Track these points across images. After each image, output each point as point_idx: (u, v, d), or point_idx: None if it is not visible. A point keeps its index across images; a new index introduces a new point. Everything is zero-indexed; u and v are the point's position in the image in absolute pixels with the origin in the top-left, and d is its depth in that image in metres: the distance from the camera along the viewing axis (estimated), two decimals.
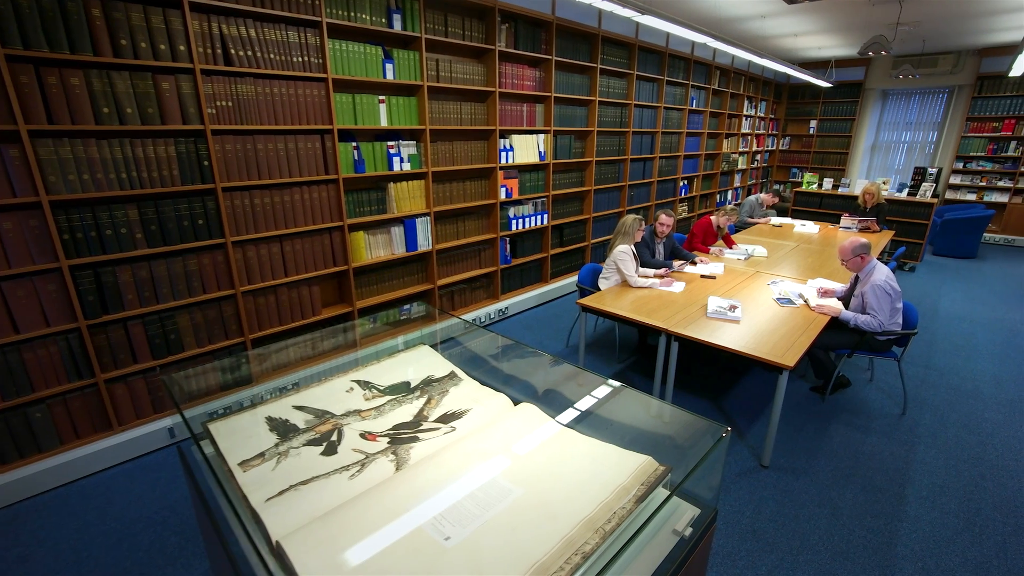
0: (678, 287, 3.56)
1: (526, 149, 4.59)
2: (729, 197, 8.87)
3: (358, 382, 1.89)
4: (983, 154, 8.29)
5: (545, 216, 4.94)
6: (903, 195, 6.66)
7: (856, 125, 9.39)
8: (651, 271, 3.84)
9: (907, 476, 2.60)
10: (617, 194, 5.95)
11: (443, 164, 3.96)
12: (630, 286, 3.59)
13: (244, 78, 2.83)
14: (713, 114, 7.69)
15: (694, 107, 7.01)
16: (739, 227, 6.12)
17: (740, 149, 8.79)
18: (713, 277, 3.85)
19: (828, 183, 7.41)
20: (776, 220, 6.32)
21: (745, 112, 8.54)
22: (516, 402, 1.76)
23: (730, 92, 7.84)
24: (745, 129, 8.75)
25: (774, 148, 10.40)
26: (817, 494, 2.46)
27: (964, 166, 8.46)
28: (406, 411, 1.72)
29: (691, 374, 3.66)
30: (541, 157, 4.75)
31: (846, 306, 3.20)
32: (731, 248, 4.71)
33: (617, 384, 1.71)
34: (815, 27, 6.36)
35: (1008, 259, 7.25)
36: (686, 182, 7.39)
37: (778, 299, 3.32)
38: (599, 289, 3.73)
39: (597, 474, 1.35)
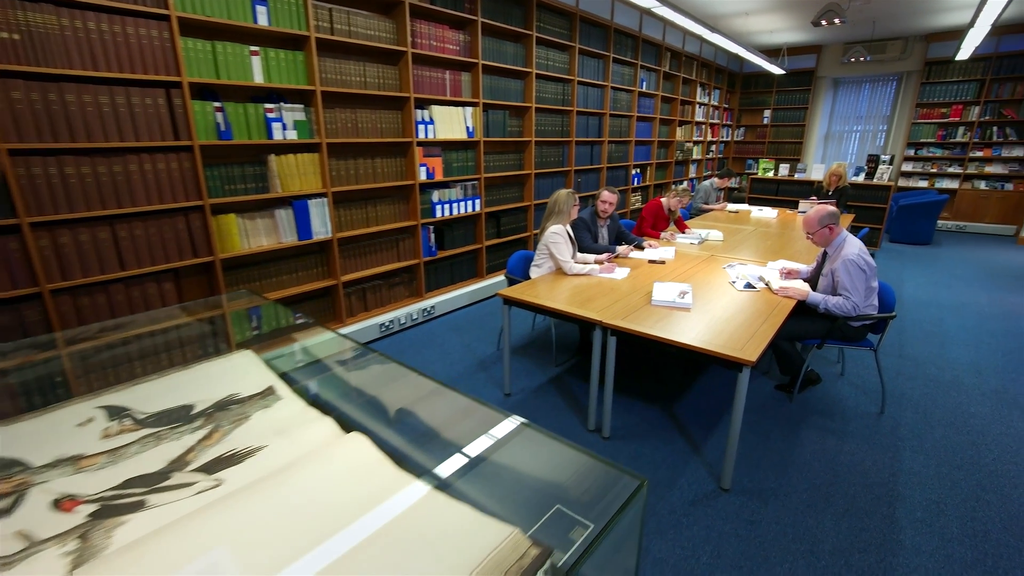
0: (621, 273, 3.02)
1: (450, 123, 3.99)
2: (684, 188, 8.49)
3: (108, 408, 1.23)
4: (933, 140, 8.21)
5: (477, 202, 4.35)
6: (860, 178, 6.40)
7: (809, 114, 9.23)
8: (591, 256, 3.29)
9: (896, 492, 2.11)
10: (562, 180, 5.42)
11: (344, 135, 3.31)
12: (565, 273, 3.03)
13: (40, 4, 2.13)
14: (665, 99, 7.30)
15: (644, 89, 6.58)
16: (693, 214, 5.69)
17: (694, 138, 8.45)
18: (662, 262, 3.33)
19: (784, 169, 7.11)
20: (732, 207, 5.93)
21: (698, 100, 8.21)
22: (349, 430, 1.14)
23: (682, 76, 7.48)
24: (699, 117, 8.42)
25: (729, 139, 10.16)
26: (791, 524, 1.93)
27: (915, 153, 8.36)
28: (162, 453, 1.08)
29: (637, 376, 3.12)
30: (469, 134, 4.16)
31: (814, 288, 2.72)
32: (683, 233, 4.23)
33: (503, 413, 1.11)
34: (766, 3, 6.03)
35: (962, 245, 7.11)
36: (638, 170, 6.95)
37: (735, 283, 2.82)
38: (530, 279, 3.16)
39: (424, 567, 0.75)
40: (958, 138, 8.01)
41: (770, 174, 7.14)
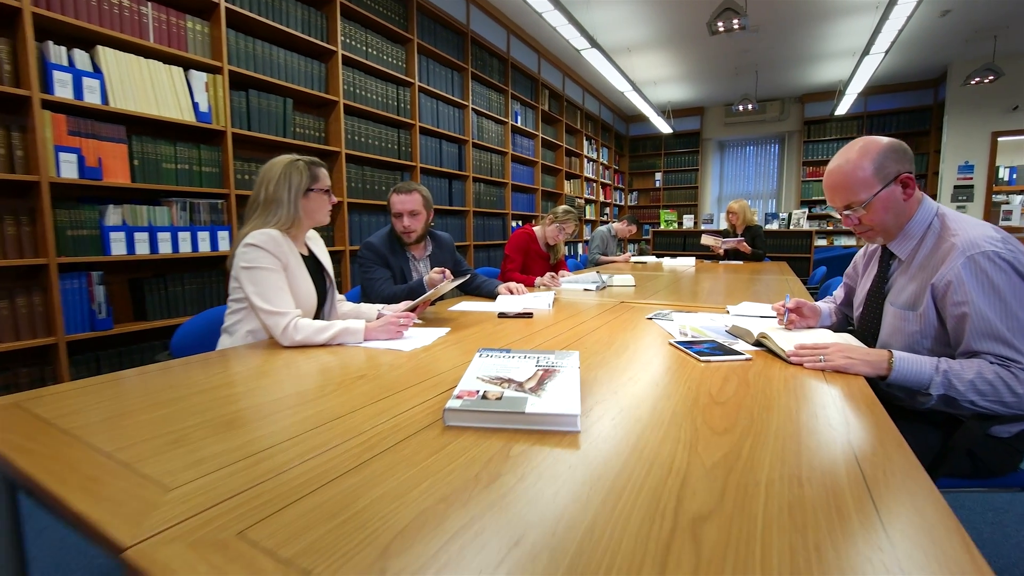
0: (422, 340, 1.27)
1: (151, 88, 2.20)
2: (580, 250, 7.28)
3: None
4: (824, 197, 7.86)
5: (223, 235, 2.48)
6: (775, 226, 5.48)
7: (700, 177, 8.70)
8: (372, 307, 1.52)
9: None
10: None
11: None
12: (281, 345, 1.21)
13: None
14: (548, 144, 6.16)
15: (519, 124, 5.34)
16: (590, 266, 4.25)
17: (586, 195, 7.39)
18: (529, 315, 1.64)
19: (689, 221, 6.10)
20: (639, 257, 4.61)
21: (586, 153, 7.25)
22: None
23: (565, 122, 6.45)
24: (589, 173, 7.43)
25: (623, 203, 9.38)
26: None
27: (810, 211, 7.94)
28: None
29: None
30: (200, 116, 2.39)
31: (863, 340, 1.13)
32: (566, 276, 2.64)
33: None
34: (648, 32, 5.20)
35: None
36: (520, 222, 5.53)
37: (685, 346, 1.17)
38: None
39: None
40: None
41: (674, 226, 6.07)
